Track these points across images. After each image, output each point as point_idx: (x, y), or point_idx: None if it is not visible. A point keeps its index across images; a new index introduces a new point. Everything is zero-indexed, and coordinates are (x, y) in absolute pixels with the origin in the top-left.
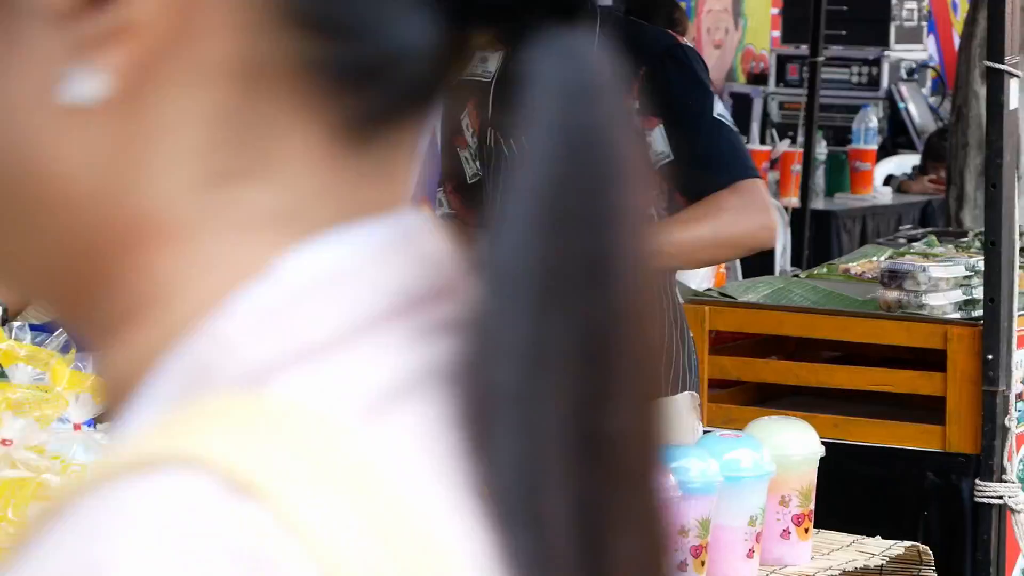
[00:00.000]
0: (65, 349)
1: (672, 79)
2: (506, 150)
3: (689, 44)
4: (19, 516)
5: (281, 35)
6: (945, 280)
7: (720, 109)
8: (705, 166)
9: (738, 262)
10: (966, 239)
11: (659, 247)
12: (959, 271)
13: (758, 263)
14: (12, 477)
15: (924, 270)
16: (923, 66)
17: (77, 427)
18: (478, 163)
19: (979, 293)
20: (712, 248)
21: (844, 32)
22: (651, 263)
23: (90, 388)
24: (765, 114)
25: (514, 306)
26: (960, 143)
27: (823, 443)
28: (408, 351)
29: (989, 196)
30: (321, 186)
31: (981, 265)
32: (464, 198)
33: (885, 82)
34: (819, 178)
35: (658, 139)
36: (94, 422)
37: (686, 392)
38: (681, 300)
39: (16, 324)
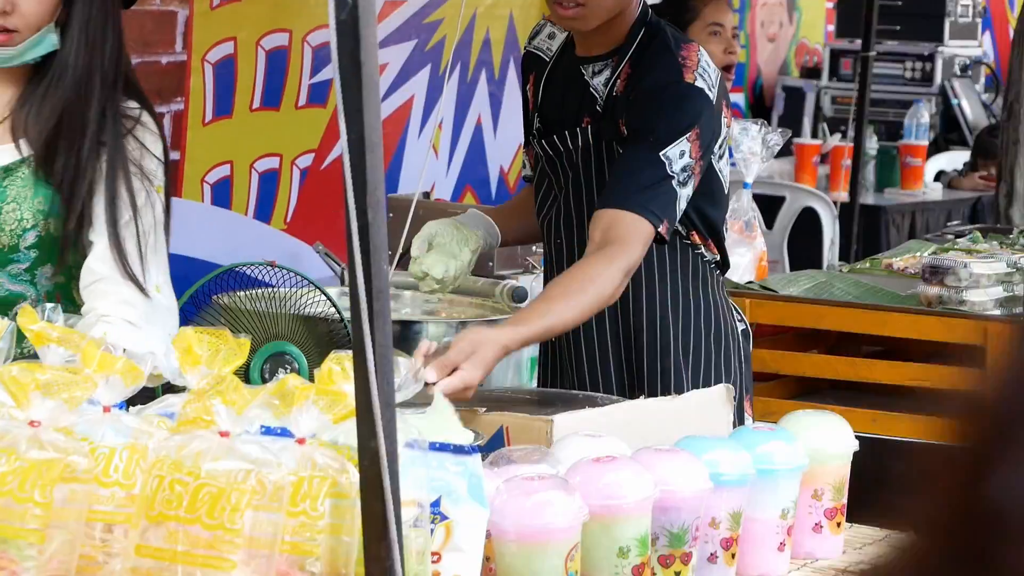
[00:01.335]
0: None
1: (651, 111)
2: (540, 148)
3: (696, 84)
4: (45, 498)
5: None
6: (986, 276)
7: (673, 154)
8: (615, 184)
9: (785, 256)
10: (1012, 236)
11: (553, 325)
12: (1001, 267)
13: (806, 257)
14: (40, 458)
15: (965, 266)
16: (977, 62)
17: (106, 409)
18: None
19: (1021, 290)
20: (589, 307)
21: (898, 27)
22: None
23: (120, 371)
24: (817, 108)
25: None
26: (1011, 140)
27: (861, 438)
28: None
29: None
30: None
31: (1023, 262)
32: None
33: (938, 78)
34: (869, 173)
35: None
36: (125, 404)
37: (721, 385)
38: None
39: (49, 306)
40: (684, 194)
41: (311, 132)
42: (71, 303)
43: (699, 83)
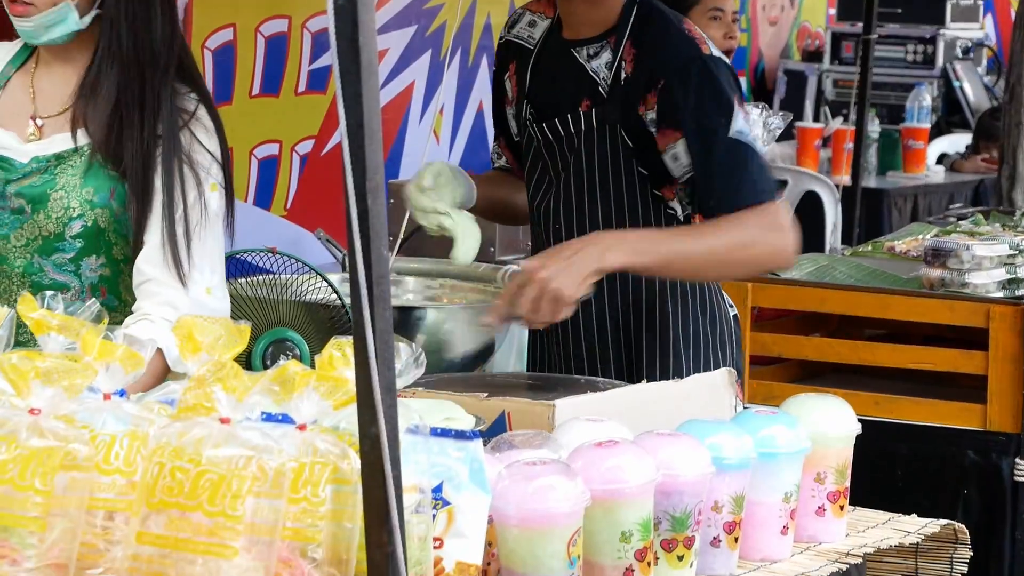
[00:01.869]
0: (97, 319)
1: (689, 94)
2: (535, 134)
3: (715, 54)
4: (46, 486)
5: None
6: (988, 259)
7: (740, 126)
8: (720, 187)
9: None
10: (1014, 218)
11: (669, 256)
12: (1003, 250)
13: (809, 241)
14: (40, 446)
15: (967, 248)
16: (979, 45)
17: (107, 397)
18: (516, 126)
19: (1023, 272)
20: (721, 266)
21: (900, 10)
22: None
23: (120, 358)
24: (819, 91)
25: None
26: (1014, 122)
27: (864, 421)
28: None
29: None
30: None
31: None
32: (515, 154)
33: (940, 61)
34: (871, 156)
35: (681, 153)
36: (125, 392)
37: (723, 368)
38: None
39: (48, 294)
40: (762, 150)
41: (311, 118)
42: (116, 297)
43: (716, 52)
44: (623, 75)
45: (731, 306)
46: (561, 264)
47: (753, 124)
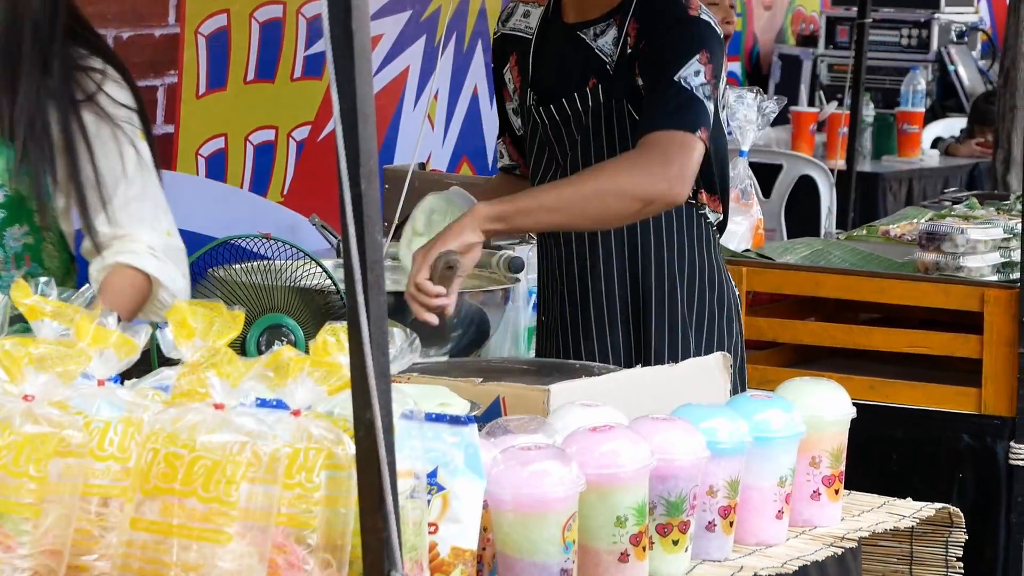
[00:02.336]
0: (91, 305)
1: (657, 42)
2: (540, 119)
3: (703, 18)
4: (40, 472)
5: None
6: (983, 242)
7: (687, 74)
8: (644, 117)
9: (782, 224)
10: (1008, 202)
11: (541, 200)
12: (997, 233)
13: (803, 225)
14: (34, 433)
15: (962, 232)
16: (973, 29)
17: (101, 383)
18: (519, 119)
19: (1017, 256)
20: (597, 200)
21: None
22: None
23: (114, 344)
24: (814, 76)
25: None
26: (1008, 106)
27: (859, 405)
28: None
29: None
30: None
31: (1020, 228)
32: (519, 149)
33: (935, 45)
34: (866, 140)
35: None
36: (119, 378)
37: (718, 353)
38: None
39: (43, 279)
40: (711, 107)
41: (307, 104)
42: (39, 265)
43: (704, 16)
44: (627, 49)
45: (735, 286)
46: (440, 234)
47: (704, 85)
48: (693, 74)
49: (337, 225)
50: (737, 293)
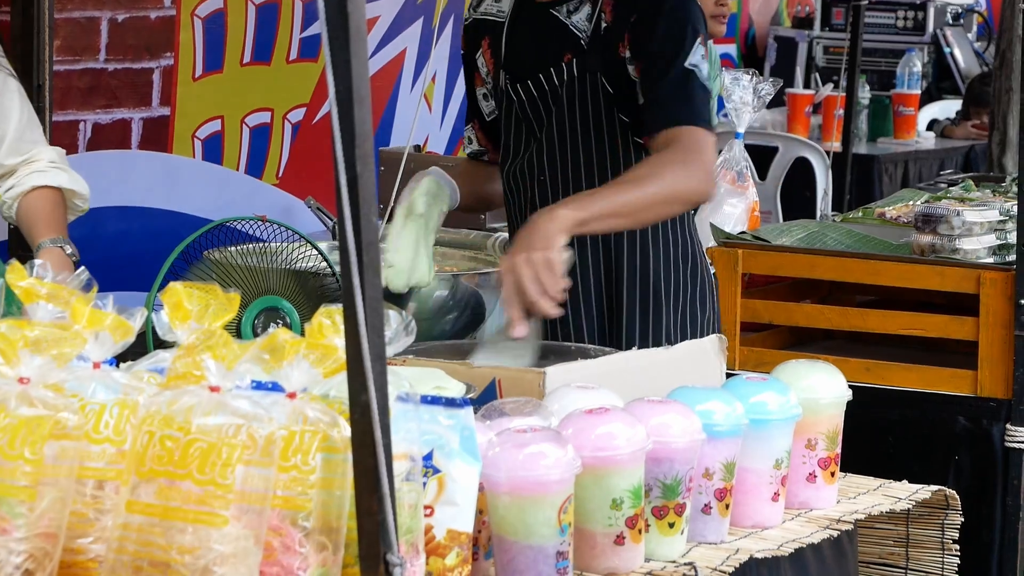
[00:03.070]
0: (86, 288)
1: (654, 23)
2: (513, 95)
3: None
4: (36, 455)
5: None
6: (979, 224)
7: (696, 60)
8: (661, 106)
9: (778, 206)
10: (1004, 184)
11: (614, 207)
12: (993, 215)
13: (799, 207)
14: (29, 415)
15: (958, 214)
16: (969, 11)
17: (96, 366)
18: (492, 102)
19: (1013, 238)
20: (660, 203)
21: None
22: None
23: (109, 327)
24: (810, 58)
25: None
26: (1004, 88)
27: (855, 387)
28: None
29: (1023, 140)
30: None
31: (1016, 209)
32: (488, 135)
33: (930, 26)
34: (862, 123)
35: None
36: (115, 360)
37: (714, 335)
38: (713, 242)
39: (37, 262)
40: (715, 94)
41: (302, 86)
42: None
43: None
44: (603, 24)
45: (711, 263)
46: (527, 241)
47: (712, 64)
48: (700, 58)
49: (333, 207)
50: (712, 270)
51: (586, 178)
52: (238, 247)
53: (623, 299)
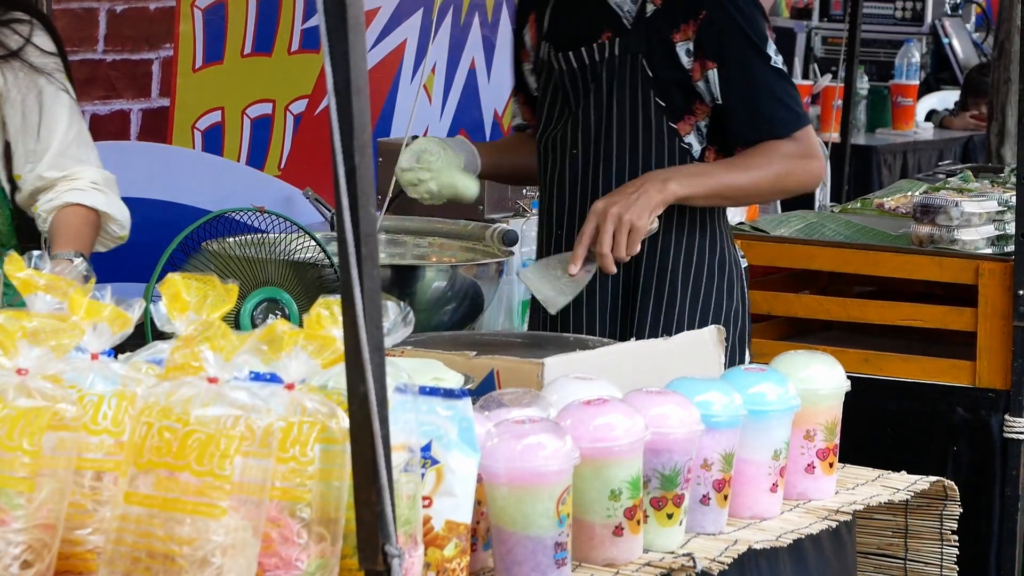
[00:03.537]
0: (84, 279)
1: (731, 24)
2: (555, 64)
3: None
4: (34, 446)
5: None
6: (977, 215)
7: (775, 55)
8: (762, 115)
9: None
10: (1003, 175)
11: (721, 188)
12: (992, 206)
13: (798, 198)
14: (28, 406)
15: (956, 205)
16: (967, 1)
17: (94, 357)
18: (535, 78)
19: (1012, 228)
20: (766, 194)
21: None
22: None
23: (107, 318)
24: (808, 49)
25: None
26: (1002, 78)
27: (853, 378)
28: None
29: (1021, 131)
30: None
31: (1014, 200)
32: (532, 110)
33: (929, 17)
34: (860, 113)
35: (712, 82)
36: (113, 352)
37: (712, 326)
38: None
39: (36, 253)
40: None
41: (304, 77)
42: None
43: None
44: (649, 7)
45: (743, 255)
46: (628, 199)
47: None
48: (775, 52)
49: (333, 198)
50: (744, 261)
51: (617, 159)
52: (236, 238)
53: (639, 287)
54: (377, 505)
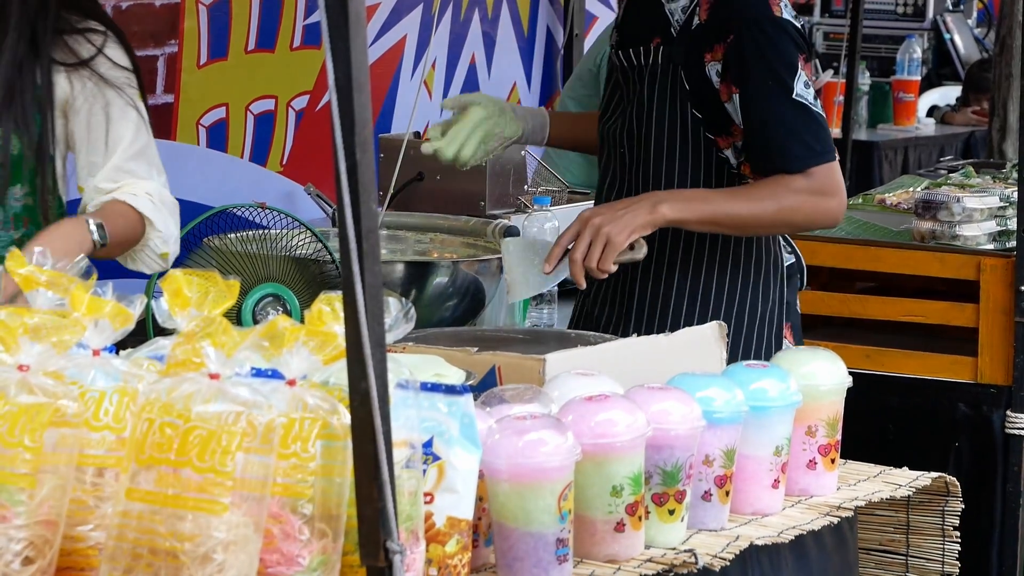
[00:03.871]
0: (86, 275)
1: (755, 51)
2: (616, 59)
3: (785, 16)
4: (35, 442)
5: None
6: (979, 211)
7: (800, 89)
8: (778, 148)
9: None
10: (1004, 170)
11: (717, 216)
12: (993, 202)
13: None
14: (29, 403)
15: (958, 201)
16: None
17: (96, 353)
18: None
19: (1014, 224)
20: (767, 227)
21: None
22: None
23: (109, 314)
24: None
25: None
26: (1004, 74)
27: (855, 374)
28: None
29: (1023, 126)
30: None
31: (1016, 196)
32: None
33: (931, 13)
34: (862, 109)
35: (736, 106)
36: (114, 348)
37: (714, 322)
38: None
39: (37, 250)
40: (822, 112)
41: (306, 73)
42: (37, 227)
43: (786, 15)
44: (695, 20)
45: (792, 252)
46: (614, 214)
47: (812, 91)
48: (804, 87)
49: (334, 194)
50: (790, 258)
51: (654, 167)
52: (238, 234)
53: (659, 289)
54: (379, 501)
